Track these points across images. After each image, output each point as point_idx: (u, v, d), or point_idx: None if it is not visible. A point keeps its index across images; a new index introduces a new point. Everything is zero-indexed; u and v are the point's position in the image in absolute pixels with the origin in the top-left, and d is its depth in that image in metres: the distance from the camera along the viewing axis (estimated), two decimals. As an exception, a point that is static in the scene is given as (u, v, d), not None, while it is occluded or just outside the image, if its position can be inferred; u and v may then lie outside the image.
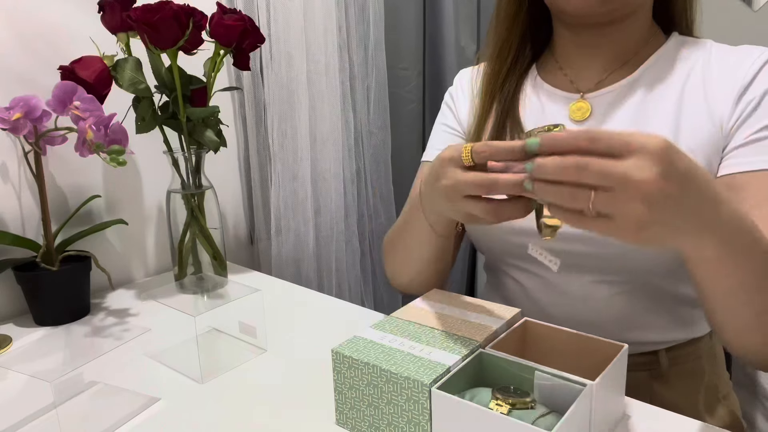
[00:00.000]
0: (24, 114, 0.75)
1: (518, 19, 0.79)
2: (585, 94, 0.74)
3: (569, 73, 0.77)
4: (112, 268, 0.95)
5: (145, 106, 0.88)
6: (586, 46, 0.75)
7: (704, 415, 0.73)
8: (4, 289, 0.87)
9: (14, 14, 0.85)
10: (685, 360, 0.73)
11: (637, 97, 0.71)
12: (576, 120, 0.73)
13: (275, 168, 1.17)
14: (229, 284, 0.85)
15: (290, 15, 1.15)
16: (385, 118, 1.40)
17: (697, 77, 0.69)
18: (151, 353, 0.74)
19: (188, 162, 0.92)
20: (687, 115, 0.67)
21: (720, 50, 0.71)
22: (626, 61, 0.73)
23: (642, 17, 0.72)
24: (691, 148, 0.66)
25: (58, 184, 0.92)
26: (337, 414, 0.58)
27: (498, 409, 0.49)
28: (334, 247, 1.32)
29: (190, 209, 0.92)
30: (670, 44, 0.73)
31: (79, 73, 0.81)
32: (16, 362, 0.68)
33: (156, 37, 0.80)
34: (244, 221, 1.22)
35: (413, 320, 0.62)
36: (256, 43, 0.90)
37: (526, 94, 0.79)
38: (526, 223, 0.71)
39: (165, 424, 0.60)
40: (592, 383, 0.49)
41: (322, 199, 1.28)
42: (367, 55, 1.34)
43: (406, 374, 0.51)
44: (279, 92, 1.16)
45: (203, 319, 0.76)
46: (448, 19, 1.46)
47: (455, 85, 0.89)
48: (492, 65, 0.81)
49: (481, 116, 0.80)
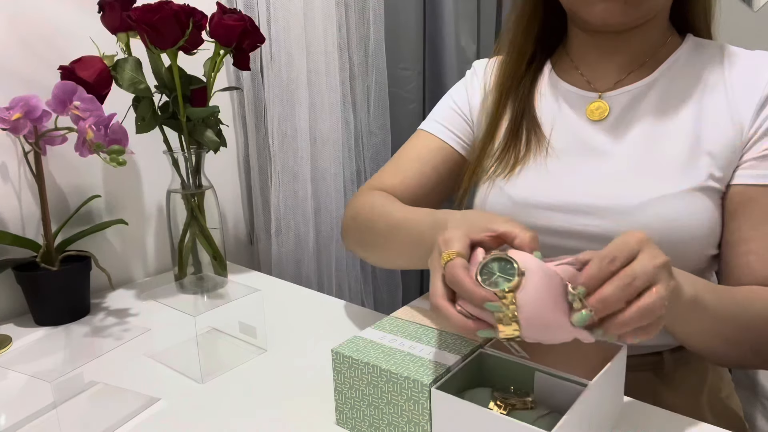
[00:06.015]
0: (24, 114, 0.75)
1: (535, 19, 0.78)
2: (603, 94, 0.73)
3: (585, 72, 0.76)
4: (112, 268, 0.95)
5: (145, 106, 0.88)
6: (604, 48, 0.74)
7: (707, 415, 0.73)
8: (4, 289, 0.87)
9: (14, 14, 0.85)
10: (689, 360, 0.73)
11: (656, 98, 0.70)
12: (593, 120, 0.73)
13: (275, 168, 1.17)
14: (229, 284, 0.85)
15: (290, 15, 1.15)
16: (385, 118, 1.40)
17: (716, 79, 0.69)
18: (151, 353, 0.74)
19: (188, 162, 0.92)
20: (708, 117, 0.67)
21: (738, 53, 0.71)
22: (644, 62, 0.73)
23: (660, 21, 0.72)
24: (712, 151, 0.66)
25: (58, 184, 0.92)
26: (337, 414, 0.58)
27: (498, 409, 0.50)
28: (334, 247, 1.32)
29: (190, 209, 0.92)
30: (687, 46, 0.73)
31: (79, 73, 0.81)
32: (16, 362, 0.68)
33: (156, 37, 0.80)
34: (244, 221, 1.22)
35: (413, 320, 0.62)
36: (256, 43, 0.90)
37: (542, 93, 0.79)
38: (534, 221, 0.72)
39: (165, 424, 0.60)
40: (592, 383, 0.49)
41: (322, 199, 1.28)
42: (367, 55, 1.34)
43: (406, 374, 0.51)
44: (279, 92, 1.16)
45: (203, 319, 0.76)
46: (448, 19, 1.46)
47: (474, 69, 0.87)
48: (507, 63, 0.80)
49: (494, 115, 0.80)
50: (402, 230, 0.70)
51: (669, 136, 0.68)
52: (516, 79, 0.80)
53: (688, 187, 0.65)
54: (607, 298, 0.45)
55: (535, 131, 0.76)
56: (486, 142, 0.80)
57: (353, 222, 0.80)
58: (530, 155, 0.75)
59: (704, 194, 0.65)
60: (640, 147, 0.69)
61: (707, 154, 0.66)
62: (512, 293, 0.45)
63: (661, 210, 0.65)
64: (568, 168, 0.72)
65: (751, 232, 0.65)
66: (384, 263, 0.80)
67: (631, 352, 0.67)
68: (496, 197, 0.75)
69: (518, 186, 0.74)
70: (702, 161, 0.66)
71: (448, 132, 0.83)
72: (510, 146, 0.77)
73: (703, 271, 0.69)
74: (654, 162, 0.68)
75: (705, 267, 0.70)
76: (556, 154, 0.73)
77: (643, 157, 0.68)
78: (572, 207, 0.69)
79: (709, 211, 0.66)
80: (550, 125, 0.75)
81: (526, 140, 0.76)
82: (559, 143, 0.74)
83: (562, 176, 0.72)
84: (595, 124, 0.72)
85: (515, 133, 0.77)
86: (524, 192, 0.73)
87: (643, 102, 0.71)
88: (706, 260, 0.69)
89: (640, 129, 0.70)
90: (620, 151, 0.70)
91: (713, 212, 0.66)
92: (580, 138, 0.73)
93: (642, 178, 0.67)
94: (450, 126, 0.84)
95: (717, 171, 0.66)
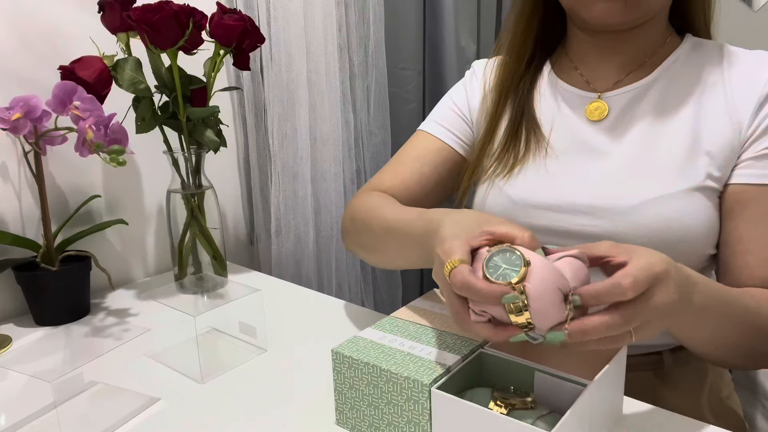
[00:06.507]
0: (24, 114, 0.75)
1: (534, 19, 0.78)
2: (602, 94, 0.73)
3: (585, 72, 0.76)
4: (112, 268, 0.95)
5: (145, 106, 0.88)
6: (604, 48, 0.74)
7: (707, 415, 0.73)
8: (4, 289, 0.87)
9: (15, 14, 0.85)
10: (689, 360, 0.73)
11: (655, 98, 0.70)
12: (593, 120, 0.73)
13: (275, 168, 1.17)
14: (229, 284, 0.85)
15: (290, 15, 1.15)
16: (385, 118, 1.40)
17: (715, 79, 0.69)
18: (151, 353, 0.74)
19: (188, 162, 0.92)
20: (707, 117, 0.67)
21: (737, 53, 0.71)
22: (643, 62, 0.73)
23: (660, 21, 0.72)
24: (711, 151, 0.66)
25: (58, 184, 0.92)
26: (337, 414, 0.58)
27: (498, 409, 0.49)
28: (334, 247, 1.32)
29: (190, 209, 0.92)
30: (686, 46, 0.73)
31: (79, 73, 0.81)
32: (16, 362, 0.68)
33: (156, 37, 0.80)
34: (244, 221, 1.22)
35: (413, 320, 0.62)
36: (256, 43, 0.90)
37: (541, 93, 0.79)
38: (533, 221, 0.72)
39: (165, 424, 0.60)
40: (592, 383, 0.49)
41: (322, 199, 1.28)
42: (367, 55, 1.34)
43: (406, 374, 0.51)
44: (279, 92, 1.16)
45: (203, 319, 0.76)
46: (448, 19, 1.46)
47: (473, 70, 0.87)
48: (507, 63, 0.80)
49: (493, 115, 0.80)
50: (396, 232, 0.69)
51: (668, 136, 0.68)
52: (515, 79, 0.80)
53: (687, 187, 0.65)
54: (588, 332, 0.45)
55: (535, 131, 0.76)
56: (485, 142, 0.80)
57: (351, 224, 0.80)
58: (529, 155, 0.75)
59: (703, 194, 0.66)
60: (639, 147, 0.69)
61: (706, 154, 0.66)
62: (521, 283, 0.45)
63: (660, 210, 0.65)
64: (567, 168, 0.72)
65: (750, 232, 0.65)
66: (383, 264, 0.80)
67: (631, 352, 0.67)
68: (496, 197, 0.75)
69: (517, 186, 0.74)
70: (701, 161, 0.66)
71: (448, 133, 0.83)
72: (509, 146, 0.77)
73: (702, 270, 0.69)
74: (653, 162, 0.68)
75: (704, 267, 0.70)
76: (556, 154, 0.73)
77: (642, 157, 0.68)
78: (571, 207, 0.69)
79: (708, 211, 0.66)
80: (549, 125, 0.75)
81: (526, 140, 0.76)
82: (559, 143, 0.74)
83: (561, 176, 0.72)
84: (595, 124, 0.72)
85: (515, 133, 0.77)
86: (523, 192, 0.73)
87: (642, 102, 0.71)
88: (705, 260, 0.69)
89: (640, 129, 0.70)
90: (619, 151, 0.70)
91: (712, 212, 0.66)
92: (579, 138, 0.73)
93: (641, 178, 0.67)
94: (450, 126, 0.84)
95: (715, 171, 0.66)
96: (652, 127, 0.69)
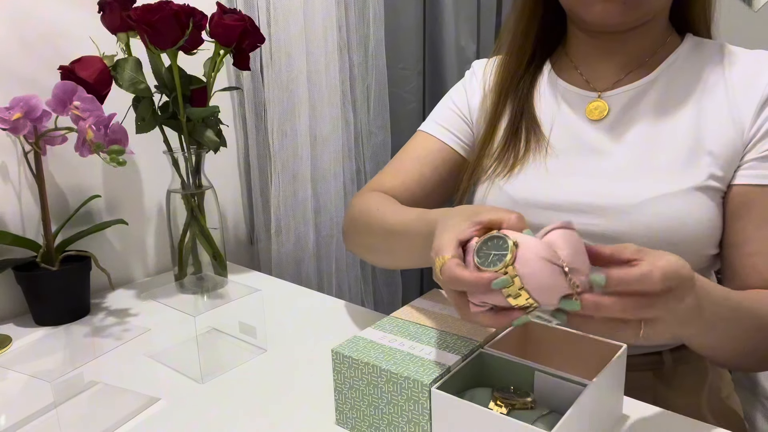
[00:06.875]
0: (24, 114, 0.75)
1: (534, 19, 0.78)
2: (602, 94, 0.73)
3: (585, 72, 0.76)
4: (112, 268, 0.95)
5: (145, 106, 0.88)
6: (604, 48, 0.74)
7: (707, 415, 0.73)
8: (4, 289, 0.87)
9: (14, 14, 0.85)
10: (689, 360, 0.73)
11: (655, 98, 0.70)
12: (593, 119, 0.73)
13: (275, 168, 1.17)
14: (229, 284, 0.85)
15: (290, 15, 1.15)
16: (385, 118, 1.40)
17: (716, 79, 0.69)
18: (151, 353, 0.74)
19: (188, 162, 0.92)
20: (708, 116, 0.67)
21: (738, 53, 0.71)
22: (643, 62, 0.73)
23: (660, 21, 0.72)
24: (713, 151, 0.66)
25: (58, 184, 0.92)
26: (337, 414, 0.58)
27: (498, 409, 0.49)
28: (334, 247, 1.32)
29: (190, 209, 0.92)
30: (686, 45, 0.73)
31: (79, 73, 0.81)
32: (16, 362, 0.68)
33: (156, 37, 0.80)
34: (244, 221, 1.22)
35: (413, 320, 0.62)
36: (256, 43, 0.90)
37: (541, 92, 0.79)
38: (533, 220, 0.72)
39: (165, 424, 0.60)
40: (592, 383, 0.49)
41: (322, 199, 1.28)
42: (367, 55, 1.34)
43: (406, 374, 0.51)
44: (279, 92, 1.16)
45: (203, 319, 0.76)
46: (448, 19, 1.46)
47: (473, 70, 0.87)
48: (507, 63, 0.80)
49: (493, 115, 0.80)
50: (396, 234, 0.69)
51: (668, 135, 0.68)
52: (515, 78, 0.80)
53: (688, 186, 0.65)
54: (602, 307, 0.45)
55: (535, 131, 0.76)
56: (485, 142, 0.80)
57: (352, 225, 0.80)
58: (530, 155, 0.75)
59: (705, 194, 0.65)
60: (640, 146, 0.69)
61: (708, 154, 0.66)
62: (512, 266, 0.45)
63: (661, 209, 0.65)
64: (567, 167, 0.72)
65: (755, 233, 0.65)
66: (384, 264, 0.80)
67: (631, 352, 0.67)
68: (496, 197, 0.75)
69: (518, 185, 0.74)
70: (703, 161, 0.66)
71: (448, 133, 0.83)
72: (509, 146, 0.77)
73: (703, 270, 0.69)
74: (653, 161, 0.68)
75: (705, 266, 0.70)
76: (556, 154, 0.73)
77: (642, 156, 0.68)
78: (572, 206, 0.69)
79: (710, 211, 0.66)
80: (549, 125, 0.75)
81: (526, 140, 0.76)
82: (559, 143, 0.74)
83: (561, 176, 0.72)
84: (595, 123, 0.72)
85: (515, 132, 0.77)
86: (524, 191, 0.73)
87: (642, 101, 0.71)
88: (707, 260, 0.69)
89: (640, 128, 0.70)
90: (619, 150, 0.70)
91: (714, 212, 0.66)
92: (579, 137, 0.73)
93: (641, 178, 0.67)
94: (450, 127, 0.84)
95: (718, 170, 0.66)
96: (652, 127, 0.69)
